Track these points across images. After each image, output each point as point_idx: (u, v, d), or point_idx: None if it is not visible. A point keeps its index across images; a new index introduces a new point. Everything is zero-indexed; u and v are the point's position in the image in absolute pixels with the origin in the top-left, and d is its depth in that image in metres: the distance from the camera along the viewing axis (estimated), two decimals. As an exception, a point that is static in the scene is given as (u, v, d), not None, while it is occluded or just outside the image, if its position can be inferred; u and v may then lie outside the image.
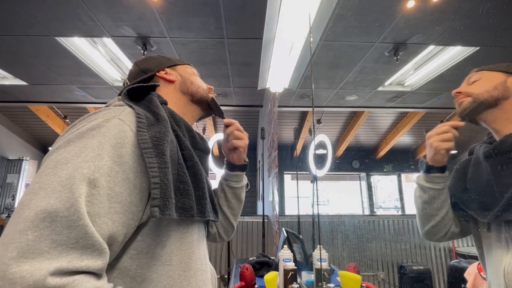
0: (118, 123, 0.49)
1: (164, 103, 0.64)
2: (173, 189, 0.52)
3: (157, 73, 0.72)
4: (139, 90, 0.61)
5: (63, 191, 0.40)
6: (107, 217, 0.44)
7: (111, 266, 0.49)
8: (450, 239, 0.79)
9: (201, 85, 0.76)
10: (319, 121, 5.04)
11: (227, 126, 0.79)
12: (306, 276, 1.50)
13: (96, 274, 0.42)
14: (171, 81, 0.72)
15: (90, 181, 0.43)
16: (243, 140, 0.78)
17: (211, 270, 0.68)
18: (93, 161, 0.44)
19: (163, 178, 0.49)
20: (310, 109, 4.29)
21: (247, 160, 0.83)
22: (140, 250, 0.51)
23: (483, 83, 0.71)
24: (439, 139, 0.72)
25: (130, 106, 0.55)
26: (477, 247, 0.74)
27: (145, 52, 2.64)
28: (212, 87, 0.80)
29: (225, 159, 0.83)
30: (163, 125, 0.54)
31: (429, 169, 0.75)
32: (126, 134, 0.49)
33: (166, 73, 0.73)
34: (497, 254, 0.65)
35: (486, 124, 0.71)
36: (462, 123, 0.71)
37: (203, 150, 0.69)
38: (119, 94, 0.65)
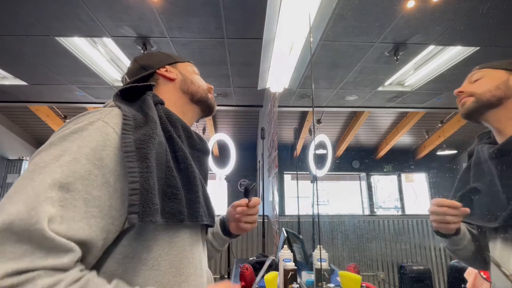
0: (102, 126, 0.49)
1: (160, 103, 0.63)
2: (157, 193, 0.50)
3: (157, 70, 0.71)
4: (133, 90, 0.59)
5: (32, 196, 0.40)
6: (83, 221, 0.43)
7: (97, 269, 0.48)
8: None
9: (202, 85, 0.75)
10: (319, 121, 5.04)
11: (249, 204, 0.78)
12: (306, 276, 1.50)
13: (63, 270, 0.41)
14: (171, 79, 0.71)
15: (63, 185, 0.42)
16: (253, 225, 0.80)
17: (207, 274, 0.66)
18: (68, 165, 0.43)
19: (144, 183, 0.47)
20: (310, 109, 4.30)
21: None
22: (126, 255, 0.50)
23: (485, 82, 0.70)
24: (443, 223, 0.71)
25: (119, 107, 0.54)
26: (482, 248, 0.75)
27: (145, 52, 2.65)
28: (212, 87, 0.79)
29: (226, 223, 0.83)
30: (150, 127, 0.52)
31: (446, 236, 0.75)
32: (109, 136, 0.48)
33: (166, 71, 0.71)
34: (502, 257, 0.64)
35: (488, 124, 0.70)
36: (458, 205, 0.70)
37: (202, 151, 0.67)
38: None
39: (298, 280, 1.45)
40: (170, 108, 0.65)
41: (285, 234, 1.79)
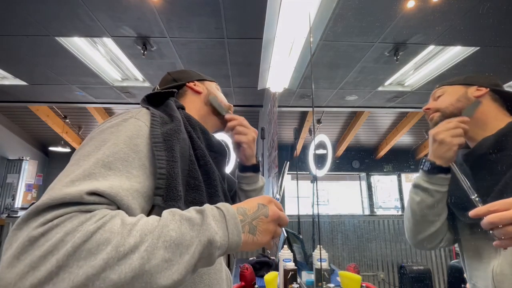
0: (134, 121, 0.53)
1: (181, 107, 0.69)
2: (181, 182, 0.53)
3: (187, 83, 0.80)
4: (158, 96, 0.67)
5: (79, 175, 0.43)
6: (129, 191, 0.45)
7: None
8: (444, 247, 0.76)
9: (223, 101, 0.83)
10: (319, 121, 5.03)
11: (229, 121, 0.79)
12: (306, 276, 1.50)
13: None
14: (198, 92, 0.80)
15: (105, 164, 0.44)
16: (247, 136, 0.77)
17: (226, 271, 0.68)
18: (108, 148, 0.47)
19: (170, 170, 0.51)
20: (310, 109, 4.30)
21: (259, 159, 0.82)
22: None
23: (446, 97, 0.78)
24: (451, 134, 0.67)
25: (147, 108, 0.59)
26: (460, 251, 0.76)
27: (145, 52, 2.64)
28: (232, 106, 0.86)
29: (237, 160, 0.83)
30: (176, 124, 0.57)
31: (435, 170, 0.70)
32: (141, 128, 0.53)
33: (194, 85, 0.81)
34: (483, 256, 0.65)
35: None
36: (467, 118, 0.69)
37: (219, 152, 0.70)
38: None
39: (298, 280, 1.45)
40: (193, 115, 0.70)
41: (285, 234, 1.79)
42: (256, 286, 1.50)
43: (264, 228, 0.48)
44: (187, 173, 0.56)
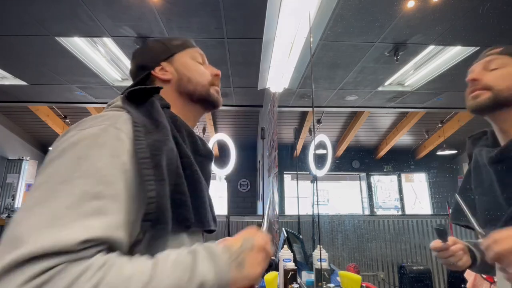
0: (115, 132, 0.47)
1: (167, 106, 0.60)
2: (169, 201, 0.49)
3: (152, 72, 0.66)
4: (141, 93, 0.57)
5: (63, 217, 0.37)
6: (121, 227, 0.42)
7: None
8: None
9: (201, 81, 0.68)
10: (319, 121, 5.04)
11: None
12: (306, 276, 1.50)
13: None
14: (166, 81, 0.66)
15: (94, 195, 0.40)
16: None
17: None
18: (93, 171, 0.42)
19: (159, 192, 0.46)
20: (310, 109, 4.30)
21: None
22: None
23: (506, 74, 0.59)
24: (450, 265, 0.68)
25: (128, 112, 0.52)
26: None
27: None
28: (219, 73, 0.72)
29: None
30: (163, 133, 0.51)
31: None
32: (124, 142, 0.46)
33: (161, 69, 0.66)
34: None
35: (493, 121, 0.63)
36: (444, 246, 0.66)
37: (206, 156, 0.65)
38: (123, 93, 0.63)
39: (298, 280, 1.45)
40: (172, 110, 0.62)
41: (285, 234, 1.79)
42: (256, 286, 1.50)
43: (252, 260, 0.48)
44: (173, 187, 0.51)
